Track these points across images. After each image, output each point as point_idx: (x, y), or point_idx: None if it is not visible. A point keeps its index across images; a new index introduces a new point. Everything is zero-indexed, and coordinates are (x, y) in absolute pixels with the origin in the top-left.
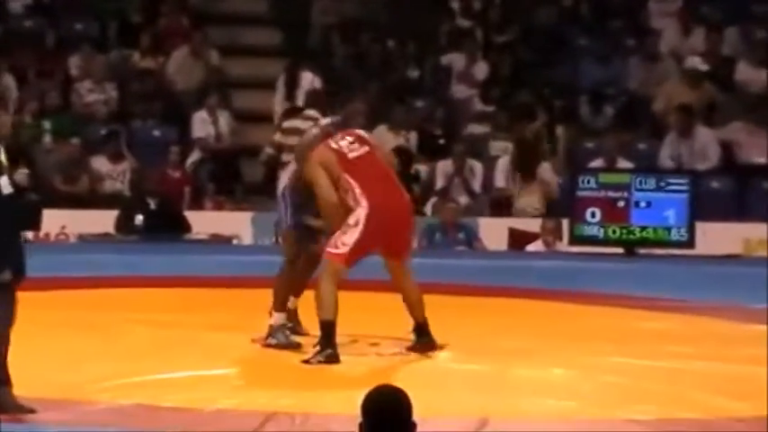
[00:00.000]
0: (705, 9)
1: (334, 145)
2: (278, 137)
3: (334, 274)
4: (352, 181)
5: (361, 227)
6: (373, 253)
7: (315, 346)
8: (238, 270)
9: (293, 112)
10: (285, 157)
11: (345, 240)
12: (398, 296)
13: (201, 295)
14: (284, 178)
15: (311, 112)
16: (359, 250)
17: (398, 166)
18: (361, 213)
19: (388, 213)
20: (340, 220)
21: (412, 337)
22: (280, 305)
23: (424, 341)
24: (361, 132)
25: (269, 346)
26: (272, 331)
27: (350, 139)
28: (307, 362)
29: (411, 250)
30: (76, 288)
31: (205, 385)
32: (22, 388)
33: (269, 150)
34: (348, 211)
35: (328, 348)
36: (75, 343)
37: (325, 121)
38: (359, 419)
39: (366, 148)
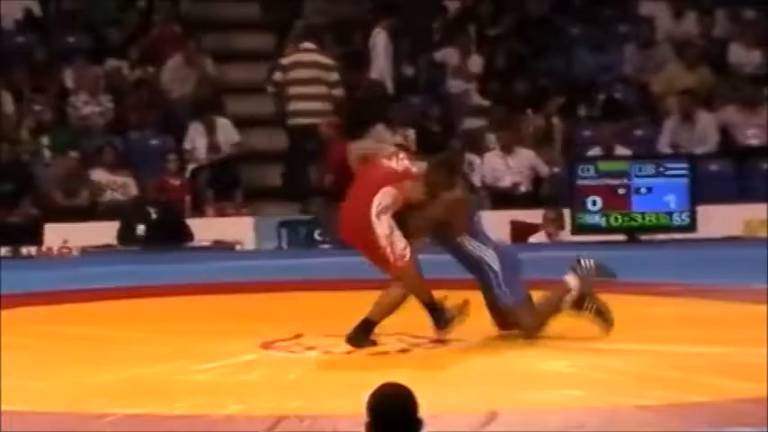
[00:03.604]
0: None
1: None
2: (278, 75)
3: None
4: None
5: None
6: None
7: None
8: (242, 275)
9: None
10: (290, 90)
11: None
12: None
13: (206, 302)
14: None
15: (308, 45)
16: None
17: None
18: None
19: None
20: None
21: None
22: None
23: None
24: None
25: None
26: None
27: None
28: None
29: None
30: (80, 301)
31: (213, 391)
32: (28, 402)
33: (271, 89)
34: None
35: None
36: (80, 356)
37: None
38: (365, 419)
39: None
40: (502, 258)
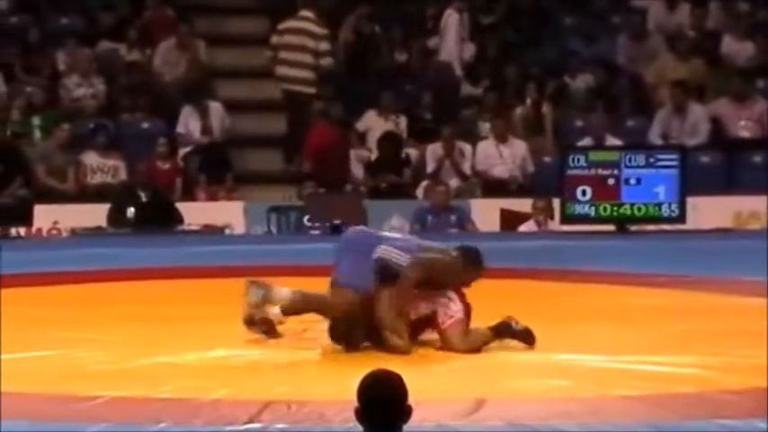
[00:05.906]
0: None
1: None
2: (274, 39)
3: None
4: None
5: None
6: None
7: None
8: (231, 260)
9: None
10: (282, 54)
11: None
12: None
13: (195, 286)
14: None
15: (305, 13)
16: None
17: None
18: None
19: None
20: None
21: None
22: None
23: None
24: None
25: None
26: None
27: None
28: None
29: None
30: (70, 283)
31: (200, 375)
32: (15, 383)
33: (268, 53)
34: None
35: None
36: (68, 337)
37: None
38: (355, 405)
39: None
40: None
